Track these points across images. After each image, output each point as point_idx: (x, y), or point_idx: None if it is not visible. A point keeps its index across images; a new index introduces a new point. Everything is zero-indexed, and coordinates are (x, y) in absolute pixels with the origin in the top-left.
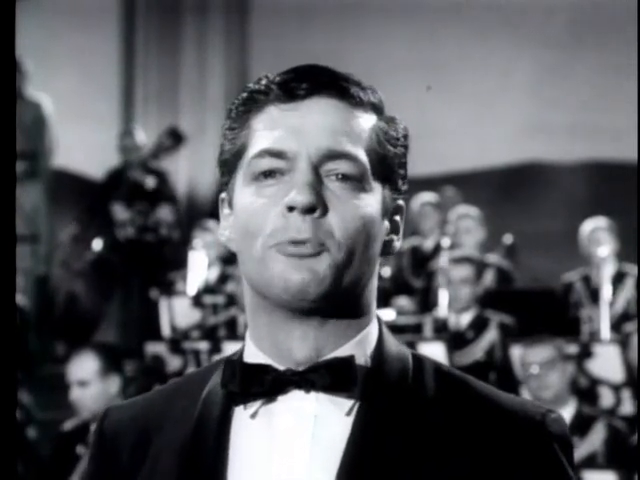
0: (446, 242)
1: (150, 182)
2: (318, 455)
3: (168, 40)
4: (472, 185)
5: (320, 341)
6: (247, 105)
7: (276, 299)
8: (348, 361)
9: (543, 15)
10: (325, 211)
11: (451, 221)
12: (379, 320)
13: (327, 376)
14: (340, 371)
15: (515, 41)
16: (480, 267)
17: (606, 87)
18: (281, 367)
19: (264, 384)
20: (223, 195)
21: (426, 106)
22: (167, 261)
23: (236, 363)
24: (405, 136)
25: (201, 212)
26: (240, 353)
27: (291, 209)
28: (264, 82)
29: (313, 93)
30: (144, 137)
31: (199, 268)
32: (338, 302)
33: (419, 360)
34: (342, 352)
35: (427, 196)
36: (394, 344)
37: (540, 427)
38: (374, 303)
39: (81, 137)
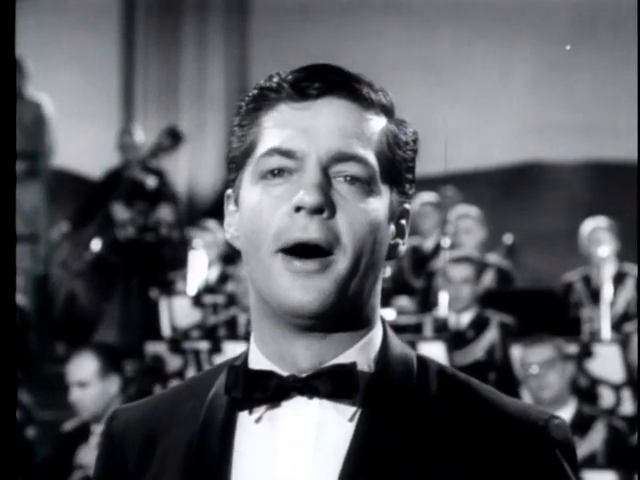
0: (446, 242)
1: (150, 181)
2: (321, 461)
3: (168, 40)
4: (472, 185)
5: (324, 349)
6: (257, 102)
7: (280, 312)
8: (350, 368)
9: (543, 14)
10: (333, 213)
11: (451, 221)
12: (383, 322)
13: (329, 383)
14: (342, 378)
15: (515, 40)
16: (480, 267)
17: (606, 87)
18: (284, 373)
19: (267, 390)
20: (229, 192)
21: (426, 106)
22: (167, 261)
23: (239, 369)
24: (414, 140)
25: (201, 212)
26: (243, 357)
27: (298, 209)
28: (276, 80)
29: (325, 93)
30: (143, 136)
31: (199, 268)
32: (343, 314)
33: (423, 363)
34: (345, 358)
35: (427, 196)
36: (398, 347)
37: (542, 432)
38: (378, 307)
39: (81, 137)
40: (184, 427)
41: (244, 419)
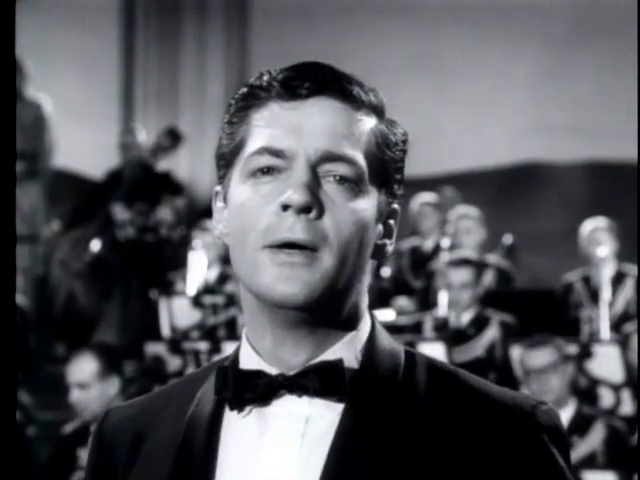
0: (446, 242)
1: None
2: (307, 455)
3: (168, 40)
4: (472, 185)
5: (311, 345)
6: (247, 100)
7: (266, 305)
8: (337, 365)
9: (543, 15)
10: (320, 212)
11: (451, 221)
12: (372, 317)
13: (317, 381)
14: (329, 375)
15: (515, 41)
16: (479, 268)
17: (606, 87)
18: (274, 371)
19: (256, 390)
20: (218, 188)
21: (426, 106)
22: (167, 261)
23: (228, 369)
24: (404, 141)
25: (201, 212)
26: (232, 358)
27: (286, 208)
28: (266, 78)
29: (315, 93)
30: (145, 136)
31: (199, 268)
32: (329, 309)
33: (411, 356)
34: (332, 354)
35: (427, 196)
36: (386, 340)
37: (529, 418)
38: (365, 302)
39: (81, 137)
40: (173, 424)
41: (231, 414)
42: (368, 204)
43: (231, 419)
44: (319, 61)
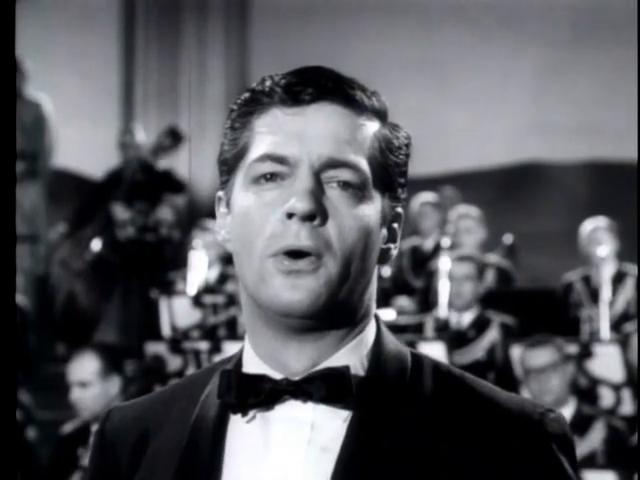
0: (446, 242)
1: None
2: (313, 461)
3: (168, 40)
4: (472, 185)
5: (316, 351)
6: (250, 106)
7: (271, 313)
8: (343, 372)
9: (543, 15)
10: (324, 219)
11: (451, 221)
12: (377, 320)
13: (323, 388)
14: (336, 382)
15: (515, 41)
16: (480, 267)
17: (606, 87)
18: (277, 375)
19: (260, 394)
20: (220, 194)
21: (426, 106)
22: (167, 261)
23: (232, 373)
24: (407, 144)
25: (201, 212)
26: (236, 360)
27: (290, 216)
28: (268, 83)
29: (318, 98)
30: (144, 136)
31: (199, 268)
32: (335, 315)
33: (418, 359)
34: (338, 359)
35: (427, 196)
36: (392, 344)
37: (537, 426)
38: (372, 307)
39: (81, 137)
40: (176, 426)
41: (236, 418)
42: (372, 209)
43: (236, 424)
44: (321, 65)
